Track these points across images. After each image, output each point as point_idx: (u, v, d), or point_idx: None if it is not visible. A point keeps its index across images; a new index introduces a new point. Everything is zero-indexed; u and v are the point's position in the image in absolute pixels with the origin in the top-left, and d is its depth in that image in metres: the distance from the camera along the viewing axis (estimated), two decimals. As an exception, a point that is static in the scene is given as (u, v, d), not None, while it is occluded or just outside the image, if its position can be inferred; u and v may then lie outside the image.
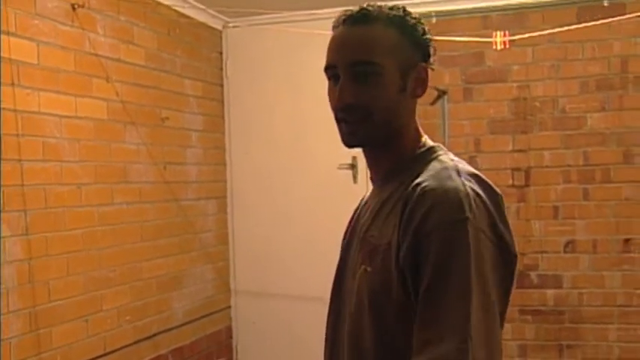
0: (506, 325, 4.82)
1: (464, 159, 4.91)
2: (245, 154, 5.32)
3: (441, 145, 1.60)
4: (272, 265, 5.28)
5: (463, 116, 4.95)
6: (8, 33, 3.26)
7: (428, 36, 1.57)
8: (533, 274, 4.83)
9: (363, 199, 1.72)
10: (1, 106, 2.98)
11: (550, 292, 4.81)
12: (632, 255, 4.71)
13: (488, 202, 1.42)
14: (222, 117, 5.30)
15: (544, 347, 4.80)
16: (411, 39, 1.53)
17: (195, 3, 4.77)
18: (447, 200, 1.38)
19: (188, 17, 4.79)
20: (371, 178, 1.64)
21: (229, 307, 5.29)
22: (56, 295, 3.50)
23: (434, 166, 1.48)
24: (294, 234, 5.24)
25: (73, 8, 3.69)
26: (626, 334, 4.70)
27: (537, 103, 4.85)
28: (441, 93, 4.79)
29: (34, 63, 3.42)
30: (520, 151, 4.88)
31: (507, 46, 4.37)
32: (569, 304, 4.78)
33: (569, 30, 4.53)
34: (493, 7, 4.85)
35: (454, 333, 1.30)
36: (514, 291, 4.38)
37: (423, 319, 1.34)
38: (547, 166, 4.83)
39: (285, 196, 5.25)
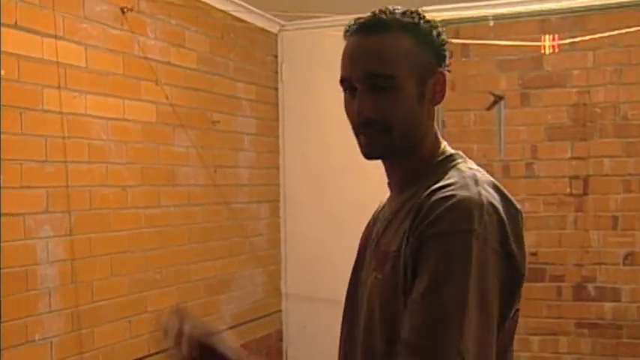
0: (562, 339, 4.69)
1: (520, 166, 4.80)
2: (299, 157, 5.30)
3: (461, 153, 1.54)
4: (324, 269, 5.24)
5: (520, 122, 4.82)
6: (56, 37, 3.31)
7: (443, 38, 1.52)
8: (590, 286, 4.66)
9: (380, 205, 1.67)
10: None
11: (608, 305, 4.64)
12: (696, 269, 4.51)
13: (503, 215, 1.36)
14: (277, 120, 5.29)
15: (601, 363, 4.64)
16: (427, 45, 1.48)
17: (250, 7, 4.77)
18: (456, 209, 1.34)
19: (243, 21, 4.80)
20: (388, 184, 1.60)
21: (280, 310, 5.28)
22: (99, 295, 3.54)
23: (451, 174, 1.43)
24: (346, 238, 5.15)
25: (123, 12, 3.73)
26: (689, 352, 4.50)
27: (598, 109, 4.69)
28: (498, 98, 4.69)
29: (81, 66, 3.47)
30: (579, 158, 4.72)
31: (557, 49, 4.23)
32: (628, 319, 4.60)
33: (632, 33, 4.36)
34: (552, 9, 4.70)
35: (444, 349, 1.25)
36: (570, 304, 4.20)
37: (414, 327, 1.29)
38: (607, 175, 4.66)
39: (338, 200, 5.21)
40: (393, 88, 1.45)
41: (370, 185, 5.13)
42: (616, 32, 4.39)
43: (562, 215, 4.72)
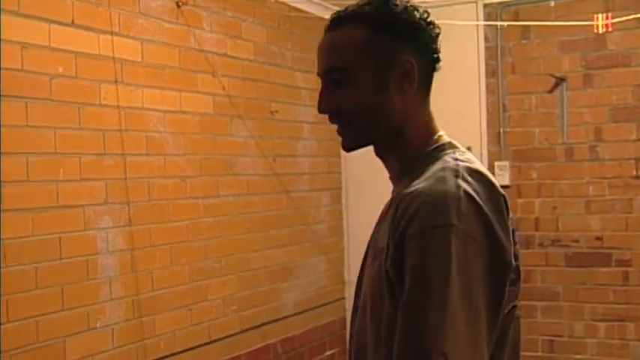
0: (629, 325, 4.59)
1: (583, 149, 4.70)
2: (360, 145, 5.29)
3: (454, 142, 1.49)
4: (387, 256, 5.24)
5: (583, 104, 4.72)
6: (112, 33, 3.39)
7: (414, 22, 1.46)
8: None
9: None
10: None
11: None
12: None
13: (484, 204, 1.33)
14: (337, 108, 5.29)
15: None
16: (388, 33, 1.45)
17: (306, -4, 4.80)
18: (432, 205, 1.31)
19: (299, 10, 4.82)
20: (390, 178, 1.58)
21: (343, 298, 5.30)
22: (160, 284, 3.63)
23: (434, 167, 1.40)
24: (408, 226, 5.18)
25: (178, 6, 3.80)
26: None
27: (664, 89, 4.55)
28: (559, 80, 4.61)
29: (137, 60, 3.55)
30: (645, 140, 4.60)
31: (610, 29, 4.10)
32: None
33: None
34: (615, -13, 4.58)
35: (427, 351, 1.24)
36: (638, 288, 4.12)
37: (400, 330, 1.28)
38: (675, 156, 4.53)
39: (399, 188, 5.20)
40: (347, 80, 1.45)
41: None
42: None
43: (628, 199, 4.60)
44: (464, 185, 1.33)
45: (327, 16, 5.00)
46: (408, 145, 1.49)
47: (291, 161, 4.73)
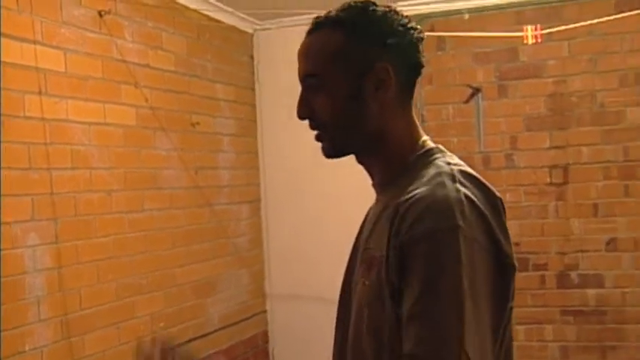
0: (547, 327, 4.74)
1: (500, 157, 4.83)
2: (278, 157, 5.28)
3: (440, 147, 1.48)
4: (307, 268, 5.24)
5: (498, 114, 4.85)
6: (35, 42, 3.25)
7: (399, 28, 1.44)
8: (573, 274, 4.71)
9: (370, 208, 1.59)
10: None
11: (591, 291, 4.69)
12: (676, 252, 4.58)
13: (484, 207, 1.32)
14: (255, 121, 5.27)
15: (586, 349, 4.68)
16: (363, 39, 1.42)
17: (224, 6, 4.74)
18: (437, 208, 1.29)
19: (218, 21, 4.77)
20: (373, 185, 1.54)
21: (265, 311, 5.26)
22: (87, 302, 3.49)
23: (428, 172, 1.38)
24: (328, 236, 5.19)
25: (100, 15, 3.69)
26: (672, 335, 4.56)
27: (574, 98, 4.73)
28: (475, 91, 4.72)
29: (61, 71, 3.42)
30: (558, 147, 4.76)
31: (539, 40, 4.25)
32: (612, 304, 4.65)
33: (606, 22, 4.41)
34: (527, 1, 4.73)
35: (449, 351, 1.21)
36: (554, 292, 4.25)
37: (414, 335, 1.24)
38: (586, 163, 4.71)
39: (318, 199, 5.20)
40: (320, 86, 1.44)
41: (350, 183, 5.14)
42: (589, 22, 4.43)
43: (543, 205, 4.76)
44: (463, 189, 1.32)
45: (245, 27, 5.00)
46: (392, 152, 1.47)
47: (212, 174, 4.66)
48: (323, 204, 5.19)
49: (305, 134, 5.33)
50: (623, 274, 4.63)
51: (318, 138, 1.49)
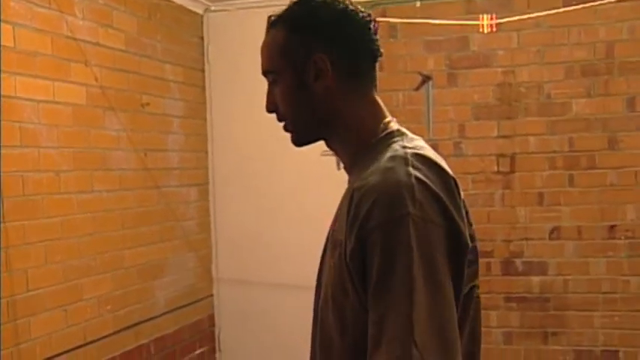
0: (491, 313, 4.82)
1: (448, 145, 4.87)
2: (227, 140, 5.24)
3: (402, 129, 1.52)
4: (254, 253, 5.22)
5: (448, 102, 4.90)
6: (-17, 15, 3.16)
7: (338, 15, 1.51)
8: (518, 261, 4.79)
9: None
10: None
11: (535, 279, 4.78)
12: (616, 242, 4.69)
13: (437, 188, 1.35)
14: (204, 103, 5.21)
15: (529, 334, 4.78)
16: (300, 34, 1.51)
17: (175, -14, 4.68)
18: (388, 196, 1.33)
19: (168, 0, 4.70)
20: (344, 168, 1.60)
21: (211, 295, 5.23)
22: (34, 284, 3.42)
23: (384, 156, 1.42)
24: (276, 221, 5.19)
25: (50, -10, 3.60)
26: (611, 321, 4.68)
27: (522, 89, 4.80)
28: (425, 78, 4.73)
29: (10, 46, 3.32)
30: (505, 137, 4.83)
31: (494, 29, 4.31)
32: (555, 291, 4.76)
33: (555, 14, 4.48)
34: (478, -9, 4.79)
35: (398, 338, 1.26)
36: (499, 278, 4.33)
37: (371, 321, 1.31)
38: (532, 152, 4.79)
39: (267, 183, 5.19)
40: (275, 81, 1.55)
41: (299, 167, 5.15)
42: (537, 14, 4.50)
43: (490, 193, 4.83)
44: (414, 172, 1.35)
45: (195, 8, 4.93)
46: (352, 136, 1.54)
47: (162, 156, 4.60)
48: (271, 188, 5.18)
49: (254, 117, 5.32)
50: (566, 262, 4.74)
51: (285, 129, 1.59)
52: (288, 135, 1.60)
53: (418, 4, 4.81)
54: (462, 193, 1.42)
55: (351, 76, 1.52)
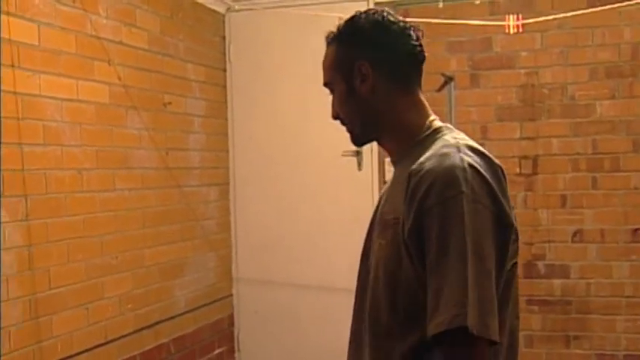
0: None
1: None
2: (248, 140, 5.24)
3: (449, 125, 1.72)
4: (274, 253, 5.21)
5: (470, 103, 4.87)
6: (8, 13, 3.17)
7: (377, 25, 1.70)
8: (540, 264, 4.76)
9: (385, 186, 1.85)
10: (1, 87, 2.88)
11: (557, 282, 4.75)
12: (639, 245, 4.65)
13: (487, 174, 1.53)
14: (225, 102, 5.21)
15: (551, 338, 4.74)
16: (346, 46, 1.73)
17: (197, -15, 4.68)
18: (444, 177, 1.51)
19: (191, 0, 4.70)
20: (392, 162, 1.79)
21: (231, 295, 5.22)
22: (56, 282, 3.43)
23: (436, 145, 1.61)
24: (297, 221, 5.18)
25: (75, -12, 3.60)
26: (634, 325, 4.63)
27: (546, 90, 4.77)
28: (448, 79, 4.70)
29: (34, 44, 3.34)
30: (528, 138, 4.80)
31: (521, 30, 4.27)
32: (577, 295, 4.72)
33: (579, 15, 4.45)
34: (502, -9, 4.76)
35: (454, 301, 1.43)
36: (521, 281, 4.30)
37: (430, 290, 1.48)
38: (555, 154, 4.75)
39: (288, 183, 5.18)
40: (333, 91, 1.77)
41: (319, 167, 5.14)
42: (562, 15, 4.47)
43: (512, 195, 4.72)
44: (467, 158, 1.54)
45: (217, 7, 4.93)
46: (401, 132, 1.72)
47: (183, 155, 4.61)
48: (292, 188, 5.17)
49: (275, 117, 5.33)
50: (589, 265, 4.70)
51: (348, 131, 1.80)
52: (309, 134, 1.85)
53: (441, 4, 4.77)
54: (507, 179, 1.60)
55: (393, 78, 1.71)
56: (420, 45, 1.75)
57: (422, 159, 1.57)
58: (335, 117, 1.78)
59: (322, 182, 5.11)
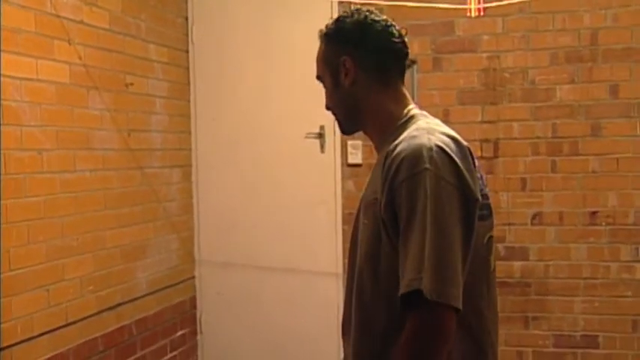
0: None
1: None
2: (211, 122, 5.22)
3: (424, 113, 1.90)
4: (237, 235, 5.21)
5: (432, 86, 4.90)
6: (-34, -10, 3.11)
7: (361, 23, 1.88)
8: (500, 247, 4.81)
9: None
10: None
11: (517, 264, 4.81)
12: (597, 228, 4.72)
13: (452, 153, 1.68)
14: (188, 84, 5.18)
15: (510, 319, 4.81)
16: (333, 43, 1.93)
17: (160, -35, 4.63)
18: (411, 156, 1.67)
19: (153, -20, 4.66)
20: (375, 148, 1.96)
21: (193, 277, 5.22)
22: (16, 263, 3.39)
23: (410, 129, 1.78)
24: (260, 203, 5.18)
25: (34, -34, 3.55)
26: (591, 306, 4.72)
27: (507, 74, 4.81)
28: (410, 62, 4.70)
29: (-7, 22, 3.28)
30: (489, 122, 4.85)
31: (482, 13, 4.30)
32: (536, 276, 4.79)
33: (540, 0, 4.48)
34: (464, -25, 4.77)
35: (411, 267, 1.60)
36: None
37: (400, 257, 1.64)
38: (516, 138, 4.81)
39: (251, 165, 5.17)
40: (323, 84, 1.97)
41: (282, 149, 5.14)
42: (523, -1, 4.51)
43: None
44: (434, 139, 1.70)
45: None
46: (381, 121, 1.89)
47: (145, 136, 4.57)
48: (254, 170, 5.17)
49: (238, 99, 5.31)
50: (548, 247, 4.77)
51: (336, 120, 2.01)
52: (273, 116, 2.00)
53: (403, -13, 4.79)
54: (476, 161, 1.77)
55: (377, 71, 1.89)
56: (403, 42, 1.93)
57: (396, 142, 1.74)
58: (327, 107, 1.98)
59: (285, 164, 5.12)
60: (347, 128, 2.00)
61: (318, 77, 1.98)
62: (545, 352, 4.80)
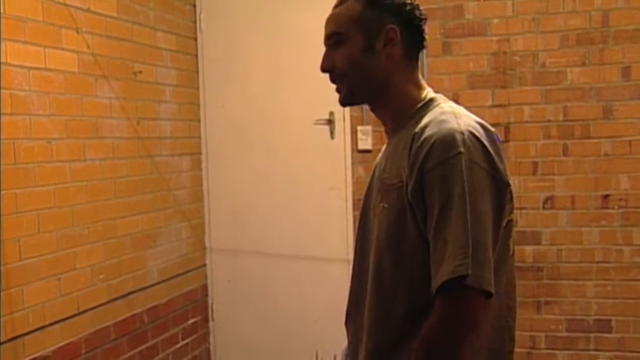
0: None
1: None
2: (220, 109, 5.20)
3: (442, 96, 1.86)
4: (248, 222, 5.21)
5: (442, 70, 4.87)
6: (-28, -20, 3.10)
7: (408, 4, 1.82)
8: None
9: (380, 152, 1.97)
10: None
11: (529, 248, 4.79)
12: (610, 211, 4.69)
13: (483, 138, 1.67)
14: (197, 72, 5.16)
15: (522, 304, 4.78)
16: (378, 8, 1.80)
17: (167, -48, 4.61)
18: (443, 140, 1.63)
19: (160, -33, 4.64)
20: (385, 132, 1.92)
21: (204, 265, 5.22)
22: (27, 253, 3.40)
23: (434, 112, 1.74)
24: (270, 190, 5.17)
25: (40, -46, 3.53)
26: (604, 290, 4.70)
27: (517, 58, 4.77)
28: (420, 47, 4.68)
29: None
30: (500, 106, 4.81)
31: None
32: (548, 261, 4.76)
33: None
34: (473, -42, 4.74)
35: (456, 254, 1.57)
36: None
37: (434, 247, 1.61)
38: (527, 122, 4.77)
39: (260, 152, 5.16)
40: (341, 42, 1.81)
41: (292, 136, 5.12)
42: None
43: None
44: (464, 124, 1.68)
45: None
46: (399, 101, 1.83)
47: (154, 125, 4.56)
48: (265, 157, 5.16)
49: (247, 86, 5.28)
50: (559, 232, 4.74)
51: (337, 90, 1.87)
52: (282, 103, 1.93)
53: (413, -29, 4.75)
54: (501, 144, 1.75)
55: (408, 52, 1.84)
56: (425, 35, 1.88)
57: (421, 125, 1.70)
58: (326, 70, 1.84)
59: (295, 151, 5.10)
60: (350, 100, 1.89)
61: (335, 34, 1.83)
62: (558, 337, 4.78)
